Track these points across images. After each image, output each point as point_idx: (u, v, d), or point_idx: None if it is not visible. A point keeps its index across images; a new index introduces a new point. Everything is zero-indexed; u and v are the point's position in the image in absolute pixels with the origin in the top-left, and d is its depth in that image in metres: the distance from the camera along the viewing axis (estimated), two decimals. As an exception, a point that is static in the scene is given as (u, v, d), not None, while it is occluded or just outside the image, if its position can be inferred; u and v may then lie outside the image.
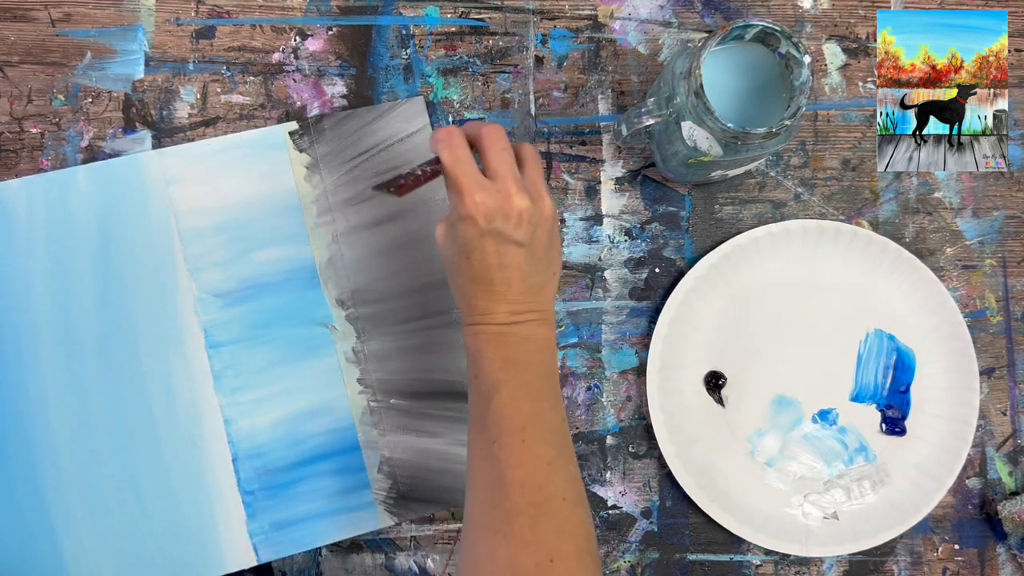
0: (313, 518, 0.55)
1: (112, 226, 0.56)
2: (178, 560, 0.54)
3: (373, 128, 0.57)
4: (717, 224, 0.59)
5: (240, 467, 0.55)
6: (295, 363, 0.56)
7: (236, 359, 0.56)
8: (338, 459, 0.56)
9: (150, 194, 0.56)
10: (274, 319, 0.56)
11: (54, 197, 0.56)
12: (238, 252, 0.56)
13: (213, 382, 0.55)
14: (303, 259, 0.56)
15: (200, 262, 0.56)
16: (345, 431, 0.56)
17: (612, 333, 0.59)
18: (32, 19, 0.58)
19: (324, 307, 0.56)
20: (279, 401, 0.56)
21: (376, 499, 0.56)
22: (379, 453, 0.56)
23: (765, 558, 0.58)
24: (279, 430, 0.55)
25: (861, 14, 0.60)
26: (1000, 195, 0.60)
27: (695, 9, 0.60)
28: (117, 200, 0.56)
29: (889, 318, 0.59)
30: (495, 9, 0.59)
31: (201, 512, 0.55)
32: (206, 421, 0.55)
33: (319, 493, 0.55)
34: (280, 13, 0.59)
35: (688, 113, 0.49)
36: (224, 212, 0.57)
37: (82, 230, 0.56)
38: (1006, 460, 0.59)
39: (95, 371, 0.55)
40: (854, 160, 0.60)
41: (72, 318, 0.55)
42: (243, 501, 0.55)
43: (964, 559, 0.59)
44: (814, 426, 0.58)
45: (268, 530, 0.55)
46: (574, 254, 0.59)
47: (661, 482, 0.58)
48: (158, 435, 0.55)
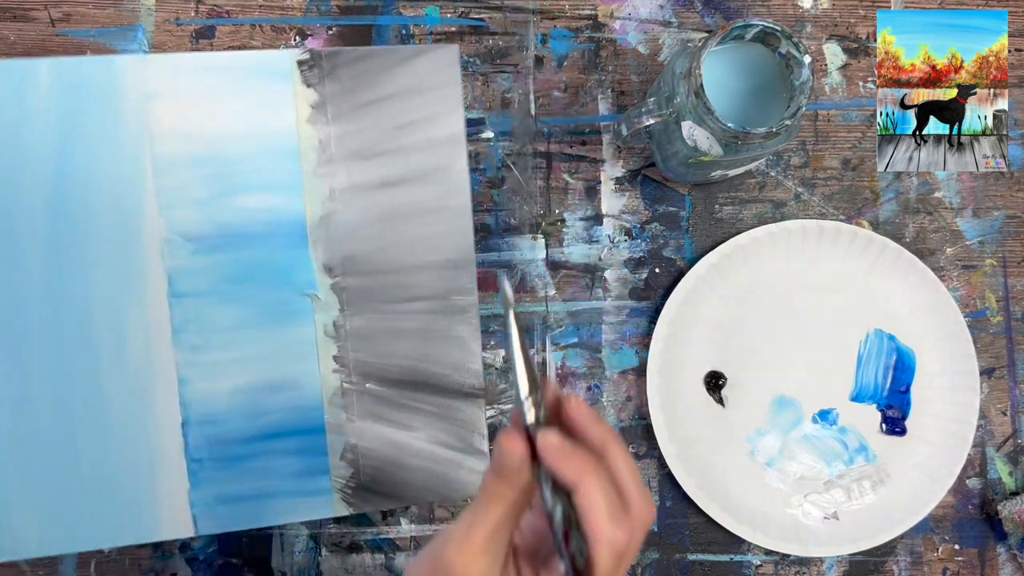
0: (263, 497, 0.51)
1: (73, 137, 0.48)
2: (110, 523, 0.50)
3: (396, 73, 0.51)
4: (717, 224, 0.59)
5: (189, 432, 0.50)
6: (266, 328, 0.50)
7: (200, 313, 0.50)
8: (299, 439, 0.51)
9: (124, 106, 0.49)
10: (249, 274, 0.50)
11: (5, 89, 0.47)
12: (218, 192, 0.50)
13: (172, 336, 0.49)
14: (293, 212, 0.50)
15: (173, 197, 0.49)
16: (311, 410, 0.51)
17: (612, 333, 0.59)
18: (32, 19, 0.58)
19: (309, 271, 0.51)
20: (242, 367, 0.50)
21: (334, 486, 0.52)
22: (344, 439, 0.52)
23: (765, 558, 0.58)
24: (238, 399, 0.50)
25: (861, 14, 0.60)
26: (1000, 195, 0.60)
27: (695, 9, 0.60)
28: (83, 107, 0.48)
29: (889, 318, 0.59)
30: (495, 9, 0.59)
31: (140, 475, 0.50)
32: (158, 377, 0.50)
33: (273, 472, 0.51)
34: (280, 13, 0.59)
35: (688, 113, 0.49)
36: (208, 142, 0.49)
37: (36, 135, 0.48)
38: (1006, 460, 0.59)
39: (36, 305, 0.49)
40: (854, 160, 0.60)
41: (14, 236, 0.48)
42: (188, 469, 0.50)
43: (964, 559, 0.59)
44: (814, 426, 0.58)
45: (212, 502, 0.50)
46: (574, 254, 0.59)
47: (661, 482, 0.58)
48: (102, 386, 0.49)
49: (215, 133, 0.50)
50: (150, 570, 0.56)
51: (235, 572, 0.56)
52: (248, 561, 0.56)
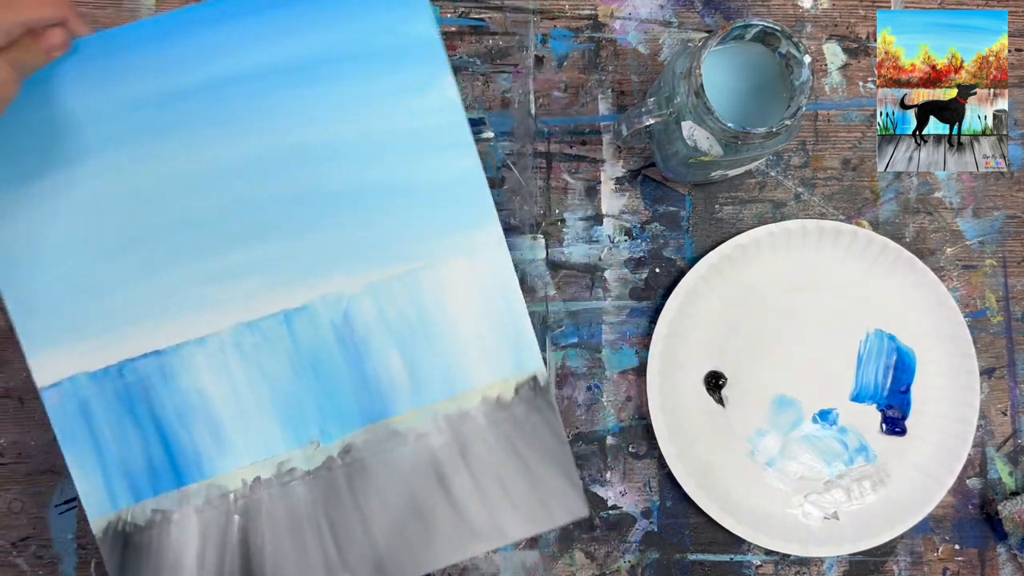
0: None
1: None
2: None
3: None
4: (717, 224, 0.59)
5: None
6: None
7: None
8: None
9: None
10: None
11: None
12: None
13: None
14: None
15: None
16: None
17: (612, 333, 0.59)
18: (32, 19, 0.58)
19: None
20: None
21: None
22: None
23: (765, 558, 0.58)
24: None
25: (861, 14, 0.60)
26: (1000, 195, 0.60)
27: (695, 9, 0.60)
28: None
29: (889, 318, 0.59)
30: (495, 9, 0.59)
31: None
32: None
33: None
34: (280, 13, 0.59)
35: (688, 113, 0.49)
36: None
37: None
38: (1006, 460, 0.59)
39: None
40: (854, 160, 0.60)
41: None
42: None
43: (964, 559, 0.59)
44: (814, 426, 0.58)
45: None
46: (574, 254, 0.59)
47: (661, 482, 0.58)
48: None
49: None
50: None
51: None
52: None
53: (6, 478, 0.57)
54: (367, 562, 0.49)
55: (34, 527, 0.56)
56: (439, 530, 0.49)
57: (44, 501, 0.57)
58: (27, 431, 0.57)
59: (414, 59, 0.48)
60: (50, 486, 0.56)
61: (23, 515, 0.56)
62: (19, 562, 0.56)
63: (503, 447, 0.49)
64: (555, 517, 0.49)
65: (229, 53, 0.47)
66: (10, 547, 0.56)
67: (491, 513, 0.49)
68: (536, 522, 0.49)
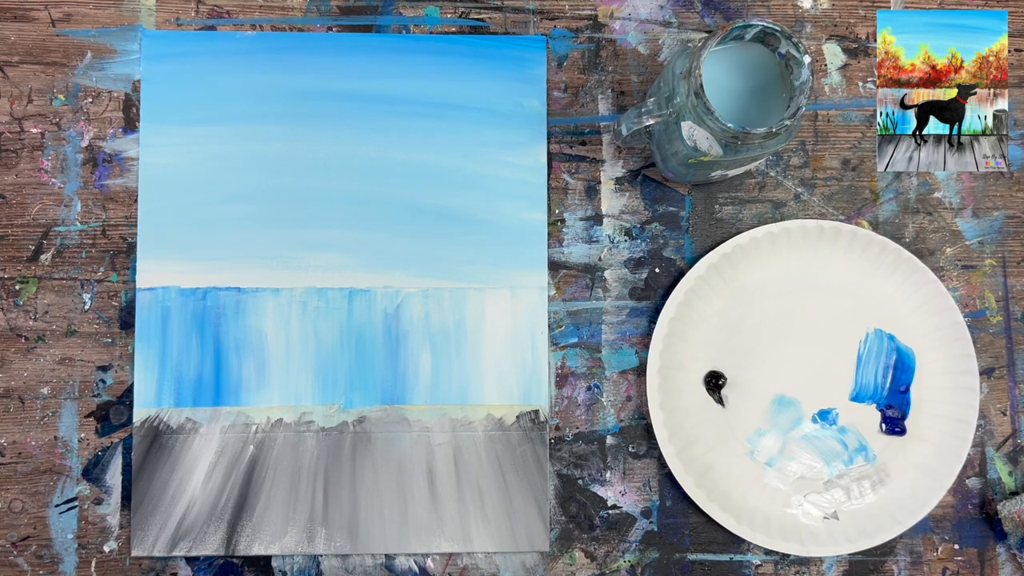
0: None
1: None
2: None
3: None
4: (717, 224, 0.59)
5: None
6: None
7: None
8: None
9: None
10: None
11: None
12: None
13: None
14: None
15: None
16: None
17: (612, 333, 0.59)
18: (32, 19, 0.58)
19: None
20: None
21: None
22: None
23: (765, 558, 0.58)
24: None
25: (861, 14, 0.60)
26: (1000, 195, 0.60)
27: (695, 9, 0.60)
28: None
29: (889, 318, 0.59)
30: (495, 9, 0.59)
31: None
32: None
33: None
34: (280, 13, 0.59)
35: (688, 113, 0.49)
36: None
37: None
38: (1006, 460, 0.59)
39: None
40: (854, 160, 0.60)
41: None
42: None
43: (964, 559, 0.59)
44: (814, 426, 0.58)
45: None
46: (574, 254, 0.59)
47: (661, 482, 0.58)
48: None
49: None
50: (150, 569, 0.56)
51: (236, 572, 0.56)
52: (249, 561, 0.56)
53: (6, 478, 0.57)
54: (344, 524, 0.56)
55: (34, 527, 0.56)
56: (414, 517, 0.56)
57: (44, 501, 0.57)
58: (27, 431, 0.57)
59: (521, 124, 0.58)
60: (50, 486, 0.57)
61: (23, 515, 0.56)
62: (19, 562, 0.56)
63: (491, 463, 0.57)
64: (518, 542, 0.56)
65: (390, 76, 0.58)
66: (10, 547, 0.56)
67: (463, 518, 0.56)
68: (499, 541, 0.56)
